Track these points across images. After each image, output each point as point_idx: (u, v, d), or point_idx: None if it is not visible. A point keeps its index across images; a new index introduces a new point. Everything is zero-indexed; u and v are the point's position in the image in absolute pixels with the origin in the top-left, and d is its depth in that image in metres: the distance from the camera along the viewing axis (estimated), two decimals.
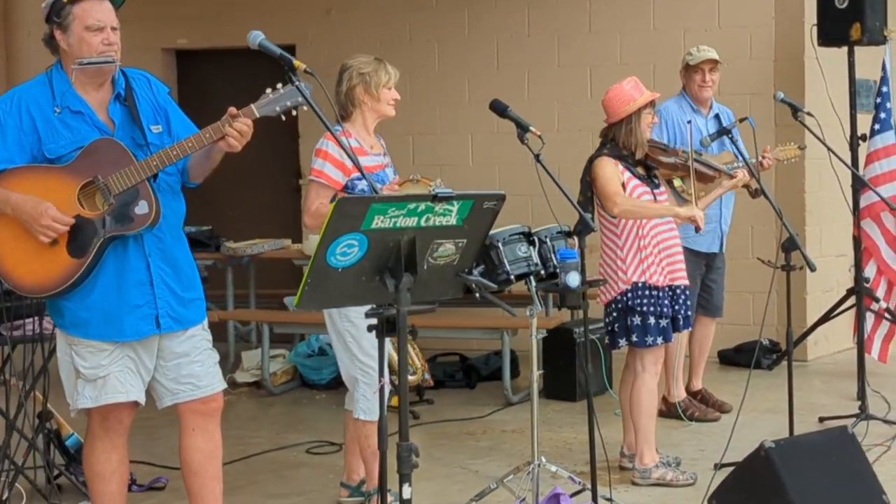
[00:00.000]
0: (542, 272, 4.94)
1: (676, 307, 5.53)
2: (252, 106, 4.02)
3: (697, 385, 7.10)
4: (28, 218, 3.97)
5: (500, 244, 4.88)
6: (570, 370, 7.30)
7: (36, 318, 4.77)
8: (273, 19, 9.54)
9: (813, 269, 5.26)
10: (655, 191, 5.53)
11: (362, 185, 4.93)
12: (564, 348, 7.29)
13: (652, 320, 5.45)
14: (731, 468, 4.87)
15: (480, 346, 8.43)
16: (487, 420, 6.94)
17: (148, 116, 4.18)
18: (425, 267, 3.41)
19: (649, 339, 5.46)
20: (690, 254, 6.52)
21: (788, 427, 5.47)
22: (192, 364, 4.25)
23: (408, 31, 9.28)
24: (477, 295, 4.68)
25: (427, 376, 7.65)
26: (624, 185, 5.40)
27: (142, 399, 4.22)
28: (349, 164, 4.87)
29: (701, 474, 5.54)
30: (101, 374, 4.12)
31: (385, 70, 5.08)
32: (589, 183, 5.48)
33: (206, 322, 4.33)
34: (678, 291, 5.55)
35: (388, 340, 6.48)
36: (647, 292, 5.43)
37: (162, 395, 4.29)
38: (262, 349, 7.74)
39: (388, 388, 4.86)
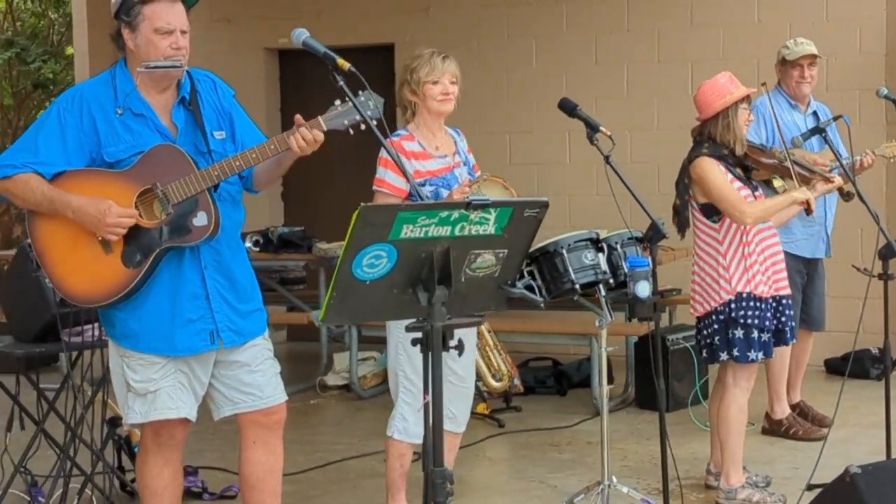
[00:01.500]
0: (612, 281, 4.67)
1: (783, 319, 5.21)
2: (319, 118, 3.83)
3: (795, 398, 6.70)
4: (91, 220, 3.84)
5: (564, 251, 4.62)
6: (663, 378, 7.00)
7: (96, 323, 4.69)
8: (372, 18, 9.48)
9: None
10: (755, 193, 5.23)
11: (425, 192, 4.64)
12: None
13: (755, 334, 5.13)
14: (818, 492, 4.57)
15: (578, 351, 8.19)
16: (574, 430, 6.70)
17: (211, 122, 4.03)
18: (463, 279, 3.21)
19: (752, 355, 5.13)
20: (791, 259, 6.18)
21: (886, 448, 5.12)
22: (254, 373, 4.10)
23: (505, 28, 9.09)
24: (540, 305, 4.48)
25: (516, 382, 7.45)
26: None
27: (192, 416, 4.08)
28: (411, 169, 4.62)
29: (792, 495, 5.23)
30: (151, 388, 3.98)
31: (429, 64, 4.65)
32: (686, 185, 5.19)
33: (267, 332, 4.19)
34: (783, 302, 5.22)
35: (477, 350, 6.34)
36: (751, 303, 5.11)
37: (220, 405, 4.15)
38: (350, 352, 7.63)
39: (469, 402, 4.75)
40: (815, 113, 6.38)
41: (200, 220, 3.85)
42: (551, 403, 7.42)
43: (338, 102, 3.84)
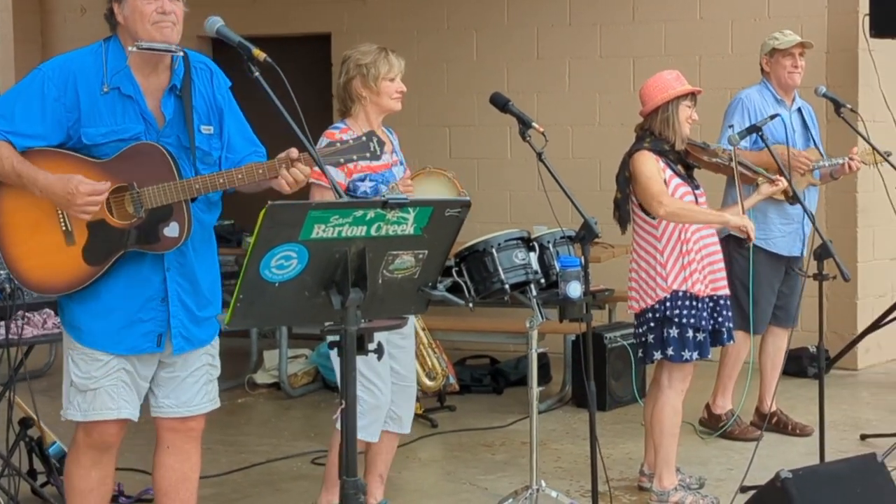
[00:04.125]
0: (543, 281, 4.55)
1: (721, 319, 5.13)
2: (316, 153, 3.62)
3: (771, 405, 6.26)
4: (60, 199, 3.63)
5: (494, 250, 4.50)
6: (600, 377, 6.90)
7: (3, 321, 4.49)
8: (309, 7, 9.30)
9: (846, 278, 4.84)
10: (696, 192, 5.14)
11: (365, 187, 4.57)
12: (595, 354, 6.84)
13: (690, 333, 5.04)
14: (751, 494, 4.49)
15: (517, 348, 8.07)
16: (508, 430, 6.57)
17: (201, 115, 3.83)
18: (380, 281, 3.07)
19: (686, 354, 5.04)
20: (768, 257, 6.08)
21: (819, 450, 5.04)
22: (187, 379, 3.93)
23: (445, 19, 8.95)
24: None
25: (451, 381, 7.33)
26: (665, 184, 5.02)
27: (134, 416, 3.90)
28: (350, 163, 4.52)
29: (726, 497, 5.15)
30: (91, 385, 3.80)
31: (386, 60, 4.65)
32: (626, 179, 5.09)
33: (216, 338, 4.02)
34: (721, 302, 5.13)
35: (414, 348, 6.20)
36: (687, 302, 5.02)
37: (151, 404, 3.98)
38: (280, 349, 7.46)
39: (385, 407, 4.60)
40: (799, 110, 6.27)
41: (171, 230, 3.68)
42: (487, 402, 7.29)
43: (338, 143, 3.70)
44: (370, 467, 4.85)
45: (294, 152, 3.66)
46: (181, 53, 3.77)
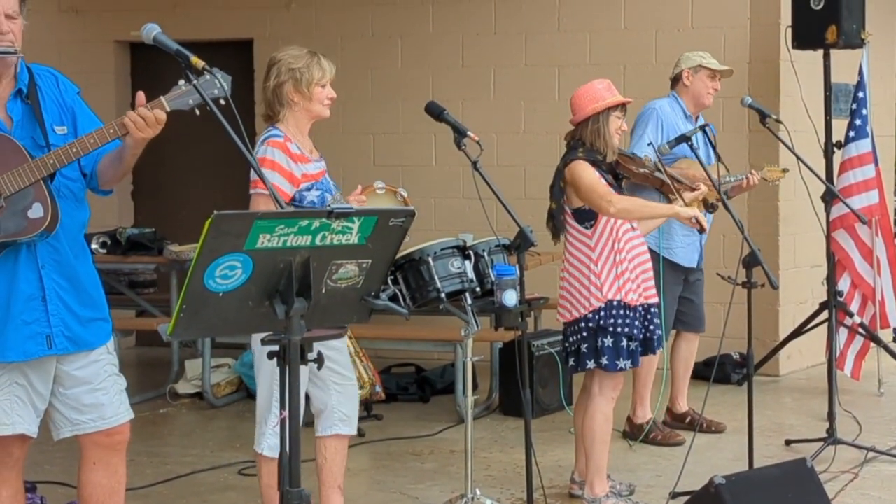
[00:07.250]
0: (478, 289, 4.54)
1: (652, 328, 5.16)
2: (162, 98, 3.62)
3: (683, 406, 6.58)
4: None
5: (430, 259, 4.47)
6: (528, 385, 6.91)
7: None
8: (230, 12, 9.21)
9: (775, 286, 4.92)
10: None
11: (311, 196, 4.45)
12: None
13: (624, 342, 5.05)
14: (683, 500, 4.53)
15: (442, 356, 8.06)
16: (437, 439, 6.57)
17: (53, 116, 3.79)
18: (324, 291, 3.04)
19: (620, 363, 5.05)
20: (669, 266, 6.14)
21: (748, 456, 5.11)
22: (96, 392, 3.85)
23: (370, 26, 8.91)
24: (406, 317, 4.32)
25: (378, 389, 7.29)
26: None
27: (30, 431, 3.82)
28: (298, 172, 4.42)
29: (656, 503, 5.19)
30: None
31: (319, 65, 4.53)
32: (562, 189, 5.09)
33: (111, 344, 3.93)
34: (652, 311, 5.16)
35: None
36: (621, 311, 5.03)
37: (60, 426, 3.90)
38: (203, 359, 7.35)
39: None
40: (702, 126, 6.34)
41: (36, 211, 3.61)
42: (414, 411, 7.27)
43: (182, 82, 3.63)
44: (327, 478, 4.71)
45: (141, 96, 3.63)
46: (20, 54, 3.71)
